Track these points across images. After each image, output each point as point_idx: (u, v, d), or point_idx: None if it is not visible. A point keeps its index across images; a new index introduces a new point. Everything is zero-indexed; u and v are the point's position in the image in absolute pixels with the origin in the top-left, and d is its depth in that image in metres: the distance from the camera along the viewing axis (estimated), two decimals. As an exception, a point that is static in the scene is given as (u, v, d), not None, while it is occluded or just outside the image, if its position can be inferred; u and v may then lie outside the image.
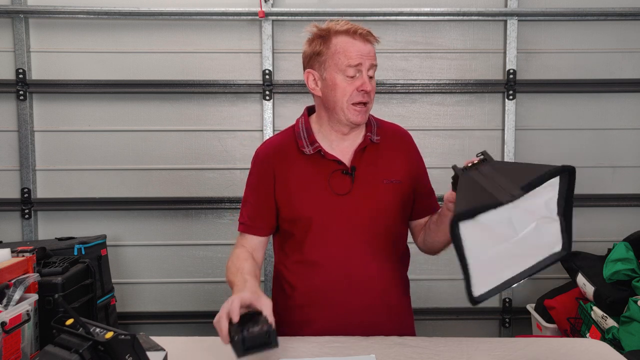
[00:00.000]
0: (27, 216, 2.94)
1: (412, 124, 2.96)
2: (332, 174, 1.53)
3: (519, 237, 1.16)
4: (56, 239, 2.67)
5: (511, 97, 2.96)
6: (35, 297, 1.45)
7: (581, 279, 2.61)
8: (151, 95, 2.96)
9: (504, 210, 1.10)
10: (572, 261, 2.73)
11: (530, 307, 2.90)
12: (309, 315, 1.54)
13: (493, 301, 3.07)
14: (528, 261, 1.21)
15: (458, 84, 2.97)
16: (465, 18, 2.95)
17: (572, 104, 3.02)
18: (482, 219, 1.10)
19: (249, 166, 1.62)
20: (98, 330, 1.00)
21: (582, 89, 3.00)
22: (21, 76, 2.88)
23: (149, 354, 1.07)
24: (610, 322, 2.36)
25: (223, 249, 3.00)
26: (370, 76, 1.49)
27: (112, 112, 2.97)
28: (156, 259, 3.02)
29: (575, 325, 2.56)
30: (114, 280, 2.78)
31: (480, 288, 1.16)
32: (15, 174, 2.95)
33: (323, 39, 1.50)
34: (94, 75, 2.93)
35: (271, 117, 2.94)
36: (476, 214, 1.10)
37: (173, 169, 2.99)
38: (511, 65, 2.94)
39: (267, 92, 2.92)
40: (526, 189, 1.12)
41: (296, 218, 1.53)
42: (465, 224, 1.10)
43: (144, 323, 3.00)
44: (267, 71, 2.92)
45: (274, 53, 2.94)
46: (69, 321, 1.02)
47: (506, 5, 2.94)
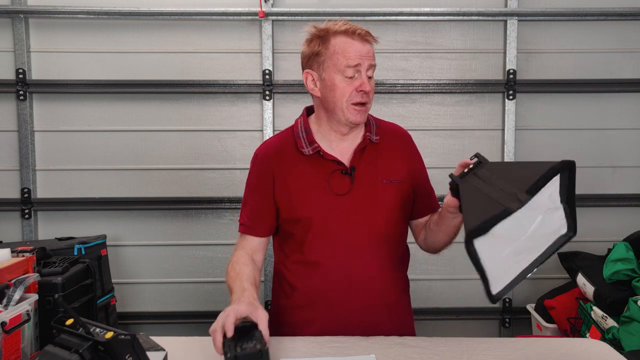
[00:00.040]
0: (27, 216, 2.94)
1: (412, 124, 2.96)
2: (331, 174, 1.52)
3: (528, 233, 1.20)
4: (56, 239, 2.67)
5: (511, 97, 2.96)
6: (35, 297, 1.45)
7: (581, 279, 2.61)
8: (151, 95, 2.96)
9: (513, 216, 1.14)
10: (572, 261, 2.73)
11: (530, 307, 2.90)
12: (309, 315, 1.54)
13: (493, 301, 3.07)
14: (538, 250, 1.25)
15: (458, 84, 2.97)
16: (465, 18, 2.95)
17: (572, 104, 3.02)
18: (494, 230, 1.14)
19: (249, 166, 1.62)
20: (98, 330, 1.00)
21: (582, 89, 3.00)
22: (21, 76, 2.89)
23: (149, 354, 1.07)
24: (610, 322, 2.36)
25: (223, 249, 3.00)
26: (369, 76, 1.49)
27: (112, 112, 2.97)
28: (156, 259, 3.02)
29: (575, 325, 2.56)
30: (114, 280, 2.78)
31: (497, 286, 1.19)
32: (15, 174, 2.96)
33: (321, 39, 1.50)
34: (94, 75, 2.93)
35: (271, 117, 2.94)
36: (489, 228, 1.13)
37: (173, 169, 2.99)
38: (511, 65, 2.94)
39: (267, 92, 2.92)
40: (532, 192, 1.15)
41: (296, 218, 1.53)
42: (479, 238, 1.13)
43: (144, 323, 3.00)
44: (267, 71, 2.92)
45: (274, 53, 2.94)
46: (69, 321, 1.02)
47: (506, 5, 2.94)
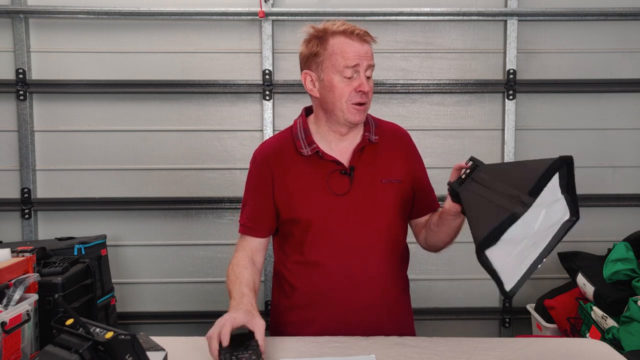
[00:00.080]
0: (27, 216, 2.94)
1: (412, 124, 2.96)
2: (330, 175, 1.52)
3: (535, 229, 1.22)
4: (56, 239, 2.67)
5: (511, 97, 2.95)
6: (35, 297, 1.45)
7: (581, 279, 2.61)
8: (151, 95, 2.96)
9: (520, 219, 1.15)
10: (572, 261, 2.73)
11: (530, 307, 2.90)
12: (309, 315, 1.54)
13: (493, 301, 3.07)
14: (545, 240, 1.27)
15: (458, 84, 2.97)
16: (465, 18, 2.95)
17: (572, 104, 3.02)
18: (503, 237, 1.16)
19: (248, 167, 1.62)
20: (98, 330, 1.00)
21: (582, 89, 3.00)
22: (21, 76, 2.88)
23: (149, 354, 1.07)
24: (610, 322, 2.36)
25: (223, 249, 3.00)
26: (368, 76, 1.49)
27: (112, 112, 2.97)
28: (156, 259, 3.02)
29: (575, 325, 2.56)
30: (114, 280, 2.78)
31: (510, 283, 1.22)
32: (15, 174, 2.96)
33: (320, 39, 1.49)
34: (94, 75, 2.93)
35: (271, 117, 2.94)
36: (499, 237, 1.15)
37: (173, 169, 2.99)
38: (511, 65, 2.94)
39: (267, 92, 2.92)
40: (535, 193, 1.16)
41: (295, 219, 1.53)
42: (490, 248, 1.15)
43: (144, 323, 3.00)
44: (267, 71, 2.92)
45: (274, 53, 2.93)
46: (69, 321, 1.02)
47: (506, 5, 2.94)
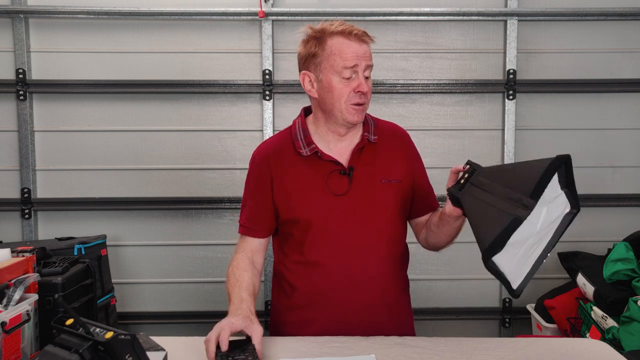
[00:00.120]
0: (27, 216, 2.94)
1: (412, 124, 2.96)
2: (329, 175, 1.52)
3: (538, 228, 1.23)
4: (56, 239, 2.67)
5: (511, 97, 2.95)
6: (35, 297, 1.45)
7: (581, 279, 2.61)
8: (151, 95, 2.96)
9: (524, 222, 1.16)
10: (572, 261, 2.73)
11: (530, 307, 2.90)
12: (309, 315, 1.54)
13: (493, 301, 3.07)
14: (548, 236, 1.28)
15: (458, 84, 2.97)
16: (465, 18, 2.95)
17: (572, 104, 3.02)
18: (508, 242, 1.16)
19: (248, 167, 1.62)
20: (98, 330, 1.00)
21: (582, 89, 3.00)
22: (21, 76, 2.88)
23: (149, 354, 1.07)
24: (610, 322, 2.36)
25: (223, 249, 3.00)
26: (367, 77, 1.49)
27: (112, 112, 2.97)
28: (156, 259, 3.02)
29: (575, 325, 2.56)
30: (114, 280, 2.78)
31: (516, 282, 1.23)
32: (15, 174, 2.95)
33: (318, 40, 1.49)
34: (94, 75, 2.93)
35: (271, 117, 2.94)
36: (504, 242, 1.16)
37: (173, 169, 2.99)
38: (511, 65, 2.94)
39: (267, 92, 2.92)
40: (536, 195, 1.17)
41: (295, 219, 1.53)
42: (496, 255, 1.17)
43: (144, 323, 3.00)
44: (267, 71, 2.92)
45: (274, 53, 2.93)
46: (69, 321, 1.02)
47: (506, 5, 2.94)
